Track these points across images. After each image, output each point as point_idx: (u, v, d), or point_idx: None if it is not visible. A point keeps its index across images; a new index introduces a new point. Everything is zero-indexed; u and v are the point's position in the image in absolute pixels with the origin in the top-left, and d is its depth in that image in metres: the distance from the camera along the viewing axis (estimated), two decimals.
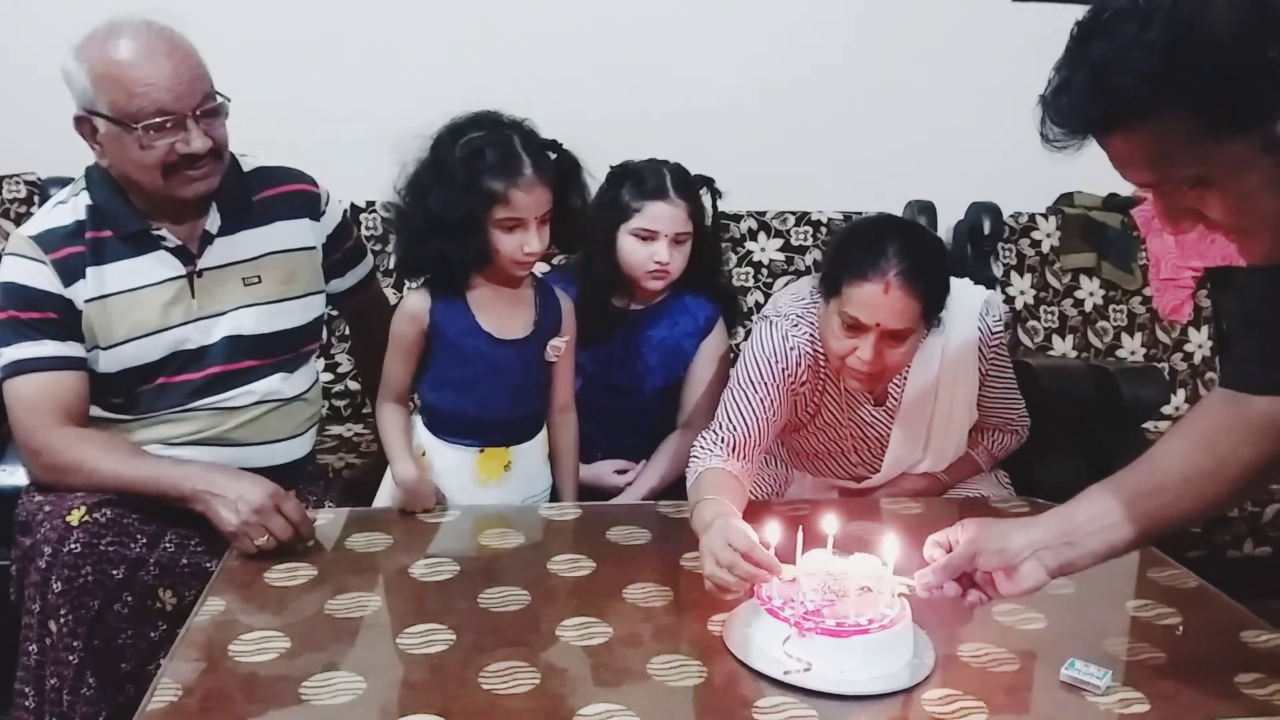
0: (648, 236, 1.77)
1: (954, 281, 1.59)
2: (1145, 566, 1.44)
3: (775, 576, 1.17)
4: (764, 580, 1.17)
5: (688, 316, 1.87)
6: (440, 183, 1.51)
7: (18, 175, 2.27)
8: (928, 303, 1.50)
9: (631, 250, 1.78)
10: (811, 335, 1.63)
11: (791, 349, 1.62)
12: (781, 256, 2.51)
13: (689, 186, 1.81)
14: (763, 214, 2.53)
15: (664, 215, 1.76)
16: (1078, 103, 0.82)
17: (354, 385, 2.32)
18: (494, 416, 1.62)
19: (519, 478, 1.64)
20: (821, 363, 1.64)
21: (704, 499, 1.39)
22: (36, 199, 2.24)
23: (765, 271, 2.50)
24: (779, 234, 2.52)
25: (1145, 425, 2.23)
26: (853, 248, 1.54)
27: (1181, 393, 2.56)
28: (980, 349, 1.68)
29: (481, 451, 1.62)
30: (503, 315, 1.61)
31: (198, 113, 1.46)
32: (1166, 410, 2.52)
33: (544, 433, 1.70)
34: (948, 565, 1.10)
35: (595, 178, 1.70)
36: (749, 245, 2.51)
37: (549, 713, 1.03)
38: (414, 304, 1.59)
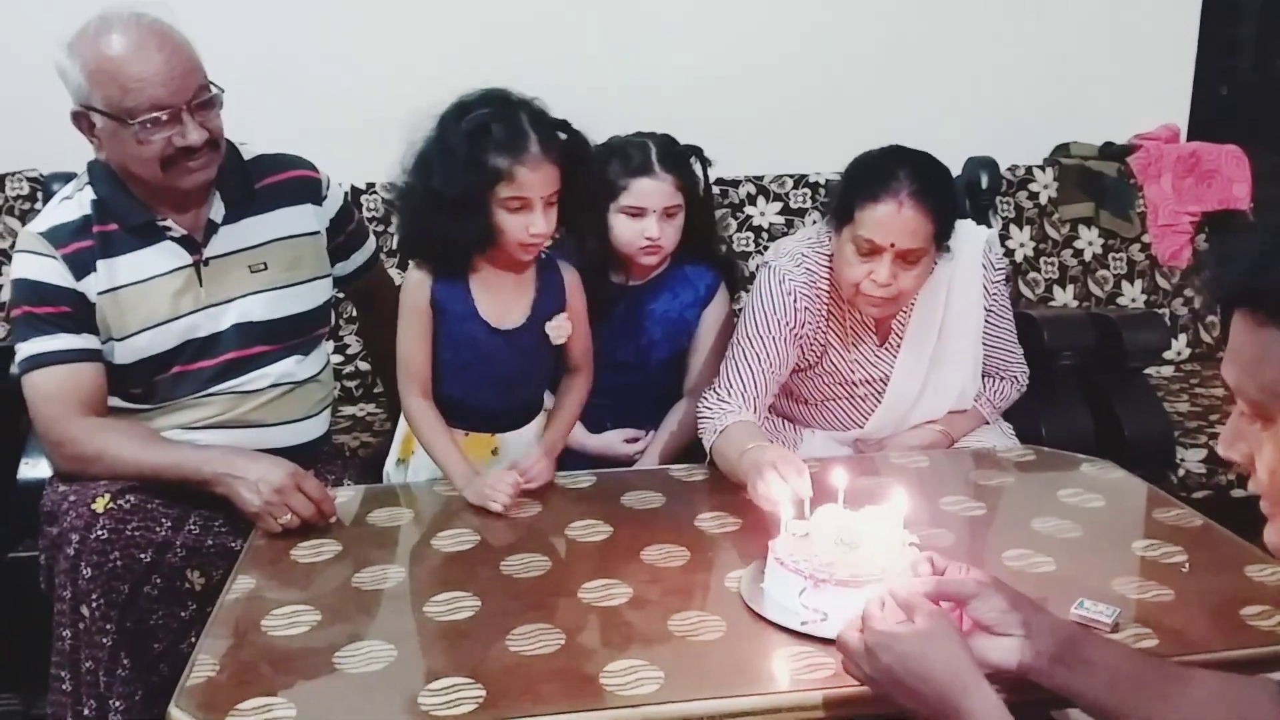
0: (636, 213, 1.76)
1: (958, 221, 1.63)
2: (1151, 507, 1.47)
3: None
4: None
5: (688, 287, 1.87)
6: (444, 159, 1.46)
7: (20, 172, 2.28)
8: (939, 223, 1.55)
9: (622, 228, 1.77)
10: (811, 272, 1.66)
11: (789, 293, 1.66)
12: (781, 220, 2.52)
13: (676, 158, 1.79)
14: (760, 178, 2.54)
15: (651, 191, 1.76)
16: (1230, 257, 0.77)
17: (364, 366, 2.35)
18: (480, 404, 1.60)
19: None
20: (824, 299, 1.68)
21: (749, 448, 1.44)
22: (40, 195, 2.25)
23: (766, 235, 2.51)
24: (778, 197, 2.53)
25: (1147, 371, 2.26)
26: (865, 173, 1.59)
27: (1183, 337, 2.58)
28: (984, 285, 1.73)
29: (466, 435, 1.60)
30: (505, 301, 1.56)
31: (192, 105, 1.48)
32: (1168, 355, 2.55)
33: (537, 421, 1.68)
34: (941, 587, 1.02)
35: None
36: (748, 210, 2.52)
37: (576, 671, 1.06)
38: (418, 275, 1.55)
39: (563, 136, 1.50)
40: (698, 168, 1.85)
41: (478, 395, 1.60)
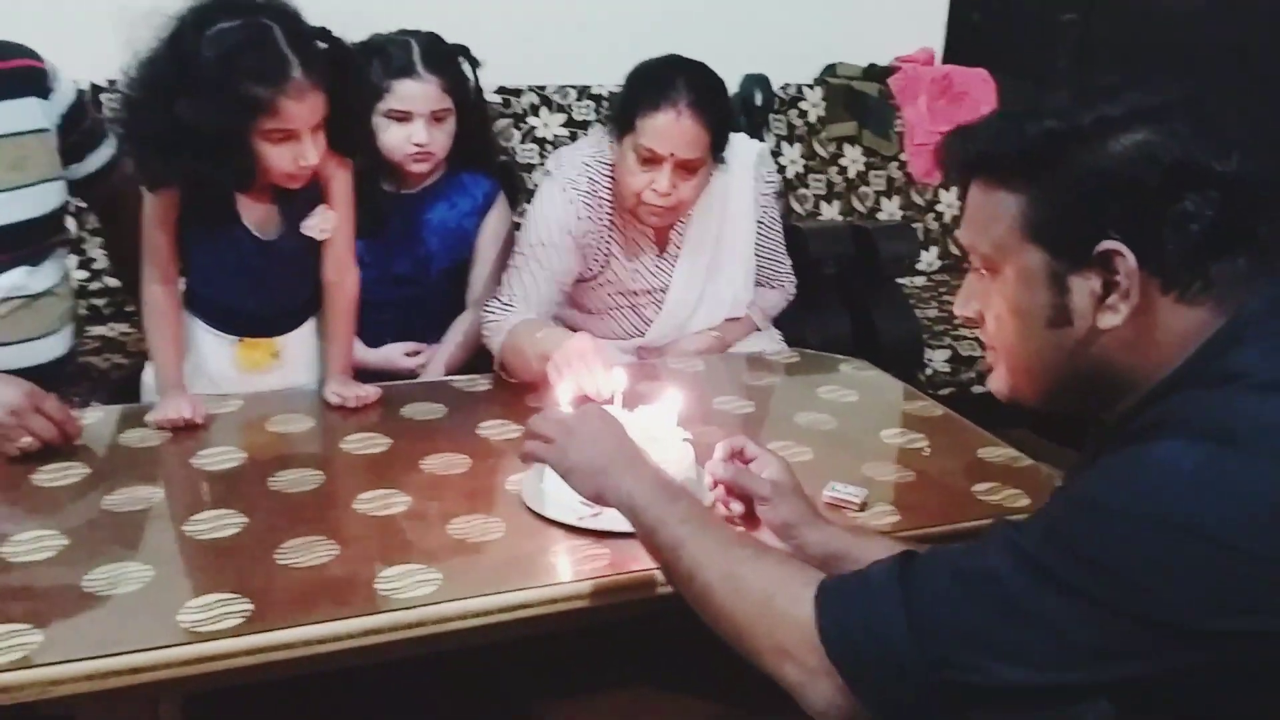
0: (402, 117, 1.67)
1: (732, 135, 1.68)
2: (899, 400, 1.60)
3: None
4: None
5: (466, 196, 1.82)
6: (188, 87, 1.28)
7: None
8: (715, 134, 1.60)
9: (388, 134, 1.68)
10: (594, 180, 1.68)
11: (571, 202, 1.67)
12: (565, 132, 2.50)
13: (443, 58, 1.71)
14: (544, 88, 2.50)
15: (416, 94, 1.67)
16: (972, 133, 0.84)
17: (113, 282, 2.16)
18: (253, 309, 1.53)
19: (289, 367, 1.57)
20: (606, 209, 1.70)
21: (545, 332, 1.47)
22: None
23: (550, 147, 2.47)
24: (561, 109, 2.51)
25: (901, 281, 2.43)
26: (645, 83, 1.61)
27: (934, 249, 2.79)
28: (756, 197, 1.80)
29: (241, 341, 1.54)
30: (268, 208, 1.46)
31: None
32: (921, 266, 2.75)
33: (315, 317, 1.61)
34: (736, 478, 1.09)
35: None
36: (531, 121, 2.48)
37: (351, 579, 1.04)
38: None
39: (323, 47, 1.37)
40: (468, 69, 1.77)
41: (247, 302, 1.51)
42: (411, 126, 1.68)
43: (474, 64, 1.79)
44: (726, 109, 1.65)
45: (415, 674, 1.19)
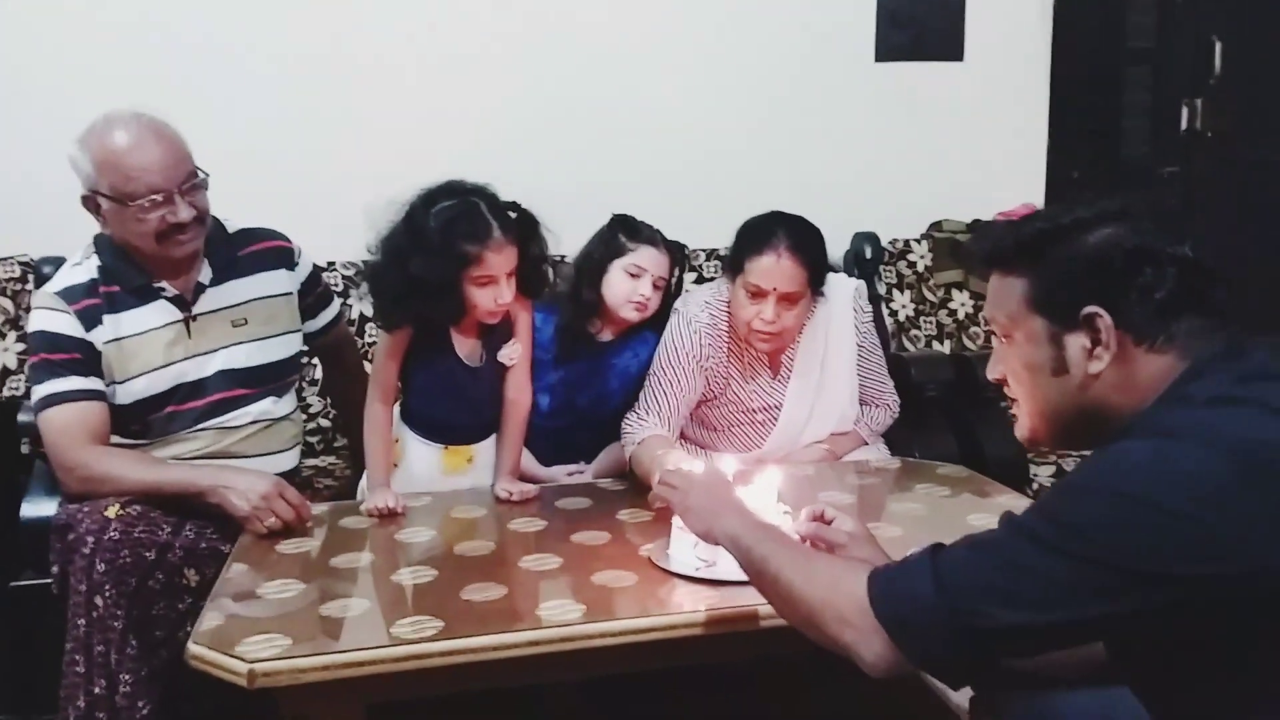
0: (636, 274, 2.03)
1: (831, 275, 1.99)
2: (987, 493, 1.79)
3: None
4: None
5: (648, 348, 2.12)
6: (419, 249, 1.70)
7: (11, 257, 2.51)
8: (813, 271, 1.91)
9: (619, 283, 2.03)
10: (714, 316, 2.01)
11: (695, 333, 1.99)
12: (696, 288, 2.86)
13: (673, 245, 2.12)
14: (682, 247, 2.89)
15: (653, 259, 2.03)
16: (986, 235, 1.13)
17: (325, 423, 2.60)
18: (457, 423, 1.89)
19: (480, 470, 1.92)
20: (725, 339, 2.01)
21: (659, 454, 1.76)
22: (31, 278, 2.47)
23: None
24: (693, 268, 2.89)
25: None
26: (751, 232, 1.97)
27: None
28: (856, 325, 2.09)
29: (445, 448, 1.90)
30: (473, 342, 1.85)
31: (183, 188, 1.75)
32: None
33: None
34: (815, 532, 1.30)
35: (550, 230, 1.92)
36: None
37: (518, 608, 1.34)
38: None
39: (513, 215, 1.79)
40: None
41: (455, 416, 1.89)
42: (640, 282, 2.03)
43: (684, 257, 2.20)
44: (821, 251, 1.97)
45: None
